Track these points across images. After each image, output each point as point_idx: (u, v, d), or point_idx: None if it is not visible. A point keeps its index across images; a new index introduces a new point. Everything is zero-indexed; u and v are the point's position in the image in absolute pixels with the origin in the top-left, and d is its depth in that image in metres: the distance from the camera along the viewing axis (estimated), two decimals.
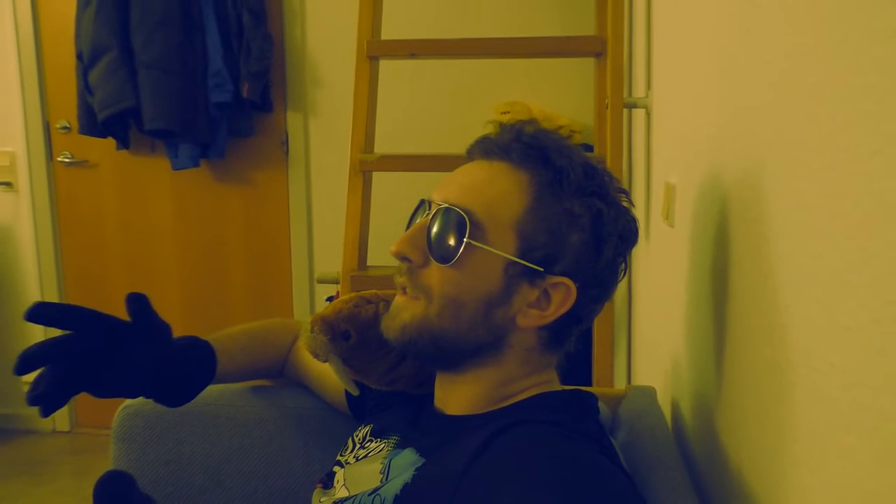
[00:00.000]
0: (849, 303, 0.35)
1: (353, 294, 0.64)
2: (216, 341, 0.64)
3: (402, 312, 0.54)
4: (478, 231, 0.51)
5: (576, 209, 0.52)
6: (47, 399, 0.49)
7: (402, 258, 0.53)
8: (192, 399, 0.60)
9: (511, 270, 0.51)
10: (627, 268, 0.56)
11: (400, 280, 0.55)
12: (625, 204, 0.55)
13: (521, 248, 0.51)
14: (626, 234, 0.54)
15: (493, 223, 0.51)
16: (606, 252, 0.53)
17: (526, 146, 0.53)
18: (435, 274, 0.52)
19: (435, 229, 0.52)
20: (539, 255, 0.52)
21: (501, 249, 0.51)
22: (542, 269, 0.51)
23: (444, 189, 0.54)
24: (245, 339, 0.70)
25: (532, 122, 0.56)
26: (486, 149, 0.55)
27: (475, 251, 0.51)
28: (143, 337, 0.55)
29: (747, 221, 0.53)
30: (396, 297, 0.55)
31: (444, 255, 0.51)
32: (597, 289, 0.54)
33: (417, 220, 0.55)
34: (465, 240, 0.50)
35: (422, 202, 0.56)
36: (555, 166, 0.52)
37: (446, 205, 0.52)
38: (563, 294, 0.52)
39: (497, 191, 0.52)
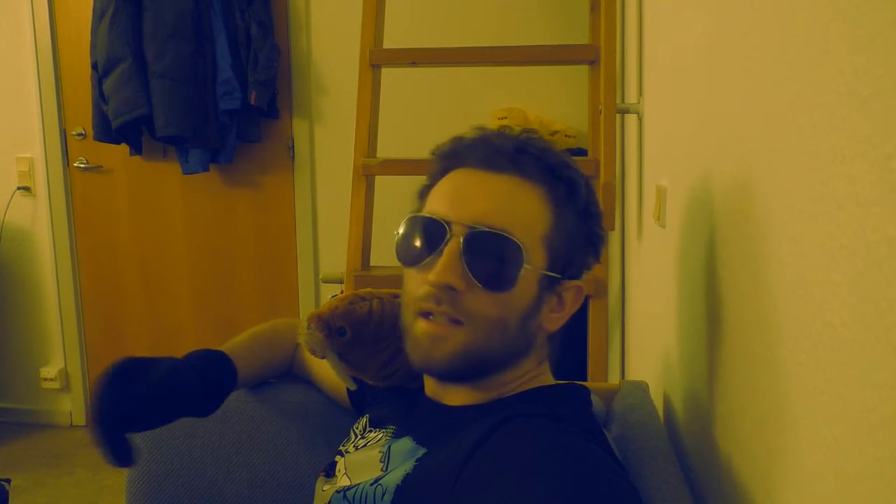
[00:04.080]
0: (832, 300, 0.36)
1: (348, 292, 0.64)
2: (232, 351, 0.65)
3: (442, 343, 0.51)
4: (525, 253, 0.51)
5: (583, 217, 0.55)
6: (118, 456, 0.53)
7: (448, 288, 0.50)
8: (218, 407, 0.61)
9: (543, 283, 0.53)
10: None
11: (437, 308, 0.51)
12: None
13: (549, 260, 0.53)
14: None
15: (529, 241, 0.51)
16: (599, 254, 0.57)
17: (536, 159, 0.53)
18: (481, 299, 0.50)
19: (480, 254, 0.50)
20: (559, 264, 0.54)
21: (537, 265, 0.52)
22: (559, 276, 0.54)
23: (466, 207, 0.51)
24: (256, 344, 0.70)
25: (531, 130, 0.56)
26: (484, 159, 0.53)
27: (521, 272, 0.51)
28: (153, 370, 0.56)
29: (735, 222, 0.55)
30: (421, 324, 0.52)
31: (499, 283, 0.50)
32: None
33: (420, 239, 0.52)
34: (524, 266, 0.50)
35: (427, 220, 0.52)
36: (566, 179, 0.54)
37: (486, 228, 0.50)
38: (574, 295, 0.55)
39: (524, 208, 0.52)
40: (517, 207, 0.52)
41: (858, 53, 0.34)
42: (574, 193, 0.54)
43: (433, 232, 0.52)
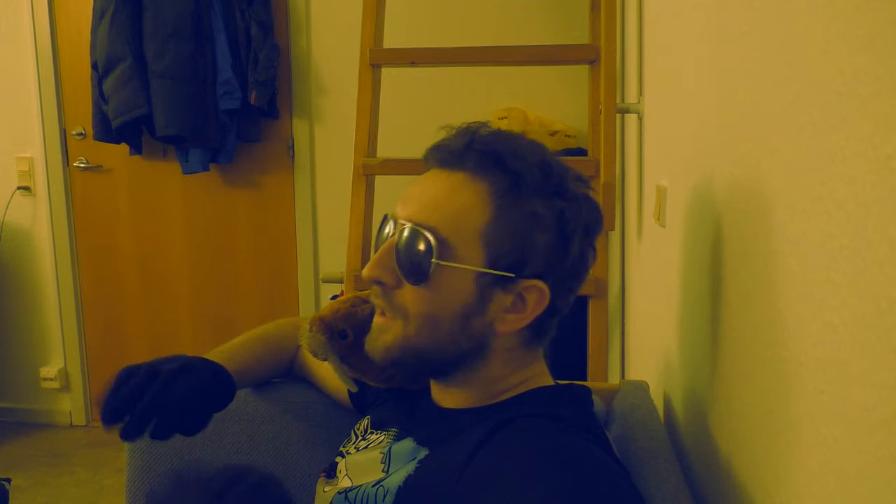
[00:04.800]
0: (833, 300, 0.36)
1: (350, 295, 0.65)
2: (233, 357, 0.66)
3: (383, 334, 0.54)
4: (445, 248, 0.50)
5: (538, 211, 0.51)
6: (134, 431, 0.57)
7: (376, 282, 0.53)
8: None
9: (482, 281, 0.51)
10: (596, 253, 0.56)
11: (377, 302, 0.54)
12: (583, 191, 0.54)
13: (488, 257, 0.51)
14: (591, 224, 0.54)
15: (459, 238, 0.51)
16: (573, 247, 0.53)
17: (480, 154, 0.52)
18: (409, 294, 0.52)
19: (403, 250, 0.51)
20: (507, 261, 0.51)
21: (470, 263, 0.51)
22: (512, 276, 0.51)
23: (407, 205, 0.53)
24: (260, 346, 0.72)
25: (485, 124, 0.55)
26: (441, 159, 0.54)
27: (445, 268, 0.50)
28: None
29: (735, 222, 0.55)
30: (375, 318, 0.55)
31: (416, 276, 0.51)
32: (571, 280, 0.54)
33: (384, 237, 0.55)
34: (433, 260, 0.50)
35: (386, 217, 0.55)
36: (511, 171, 0.51)
37: (410, 223, 0.51)
38: (536, 296, 0.52)
39: (458, 204, 0.51)
40: (451, 204, 0.52)
41: (858, 53, 0.34)
42: (520, 186, 0.51)
43: (386, 231, 0.55)
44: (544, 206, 0.52)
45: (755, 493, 0.50)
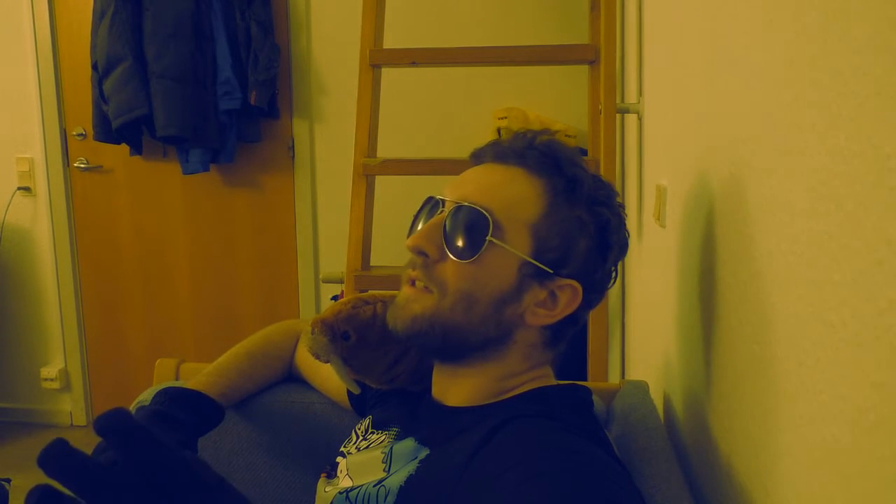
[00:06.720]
0: (832, 300, 0.36)
1: (351, 296, 0.65)
2: (219, 379, 0.66)
3: (413, 304, 0.54)
4: (497, 230, 0.52)
5: (585, 217, 0.55)
6: None
7: (419, 252, 0.54)
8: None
9: (524, 270, 0.53)
10: (618, 276, 0.59)
11: (412, 273, 0.55)
12: (623, 213, 0.58)
13: (535, 249, 0.53)
14: (624, 244, 0.57)
15: (511, 223, 0.53)
16: (610, 259, 0.56)
17: (541, 154, 0.55)
18: (451, 269, 0.53)
19: (454, 226, 0.53)
20: (551, 257, 0.53)
21: (518, 249, 0.53)
22: (552, 271, 0.53)
23: (460, 188, 0.55)
24: (247, 362, 0.72)
25: (545, 131, 0.58)
26: (499, 153, 0.56)
27: (493, 249, 0.52)
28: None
29: (735, 222, 0.55)
30: (404, 289, 0.55)
31: (464, 252, 0.52)
32: (595, 293, 0.57)
33: (423, 216, 0.56)
34: (487, 238, 0.52)
35: (429, 199, 0.57)
36: (568, 175, 0.55)
37: (465, 203, 0.53)
38: (569, 295, 0.54)
39: (515, 193, 0.54)
40: (507, 191, 0.54)
41: (858, 53, 0.34)
42: (574, 190, 0.55)
43: (430, 208, 0.57)
44: (592, 214, 0.55)
45: (755, 493, 0.50)
